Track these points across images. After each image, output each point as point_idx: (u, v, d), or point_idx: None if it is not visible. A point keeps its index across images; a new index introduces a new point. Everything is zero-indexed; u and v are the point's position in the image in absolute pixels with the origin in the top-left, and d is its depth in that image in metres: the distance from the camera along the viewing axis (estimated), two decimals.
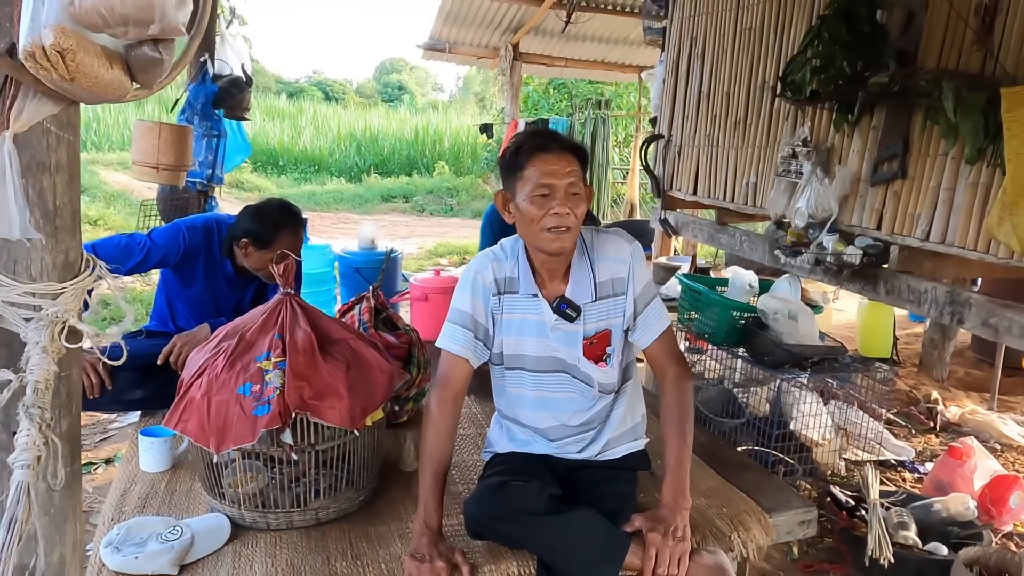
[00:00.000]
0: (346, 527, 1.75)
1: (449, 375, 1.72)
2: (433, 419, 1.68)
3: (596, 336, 1.73)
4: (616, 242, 1.75)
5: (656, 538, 1.54)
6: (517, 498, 1.59)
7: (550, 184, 1.59)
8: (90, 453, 3.19)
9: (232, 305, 2.49)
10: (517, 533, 1.60)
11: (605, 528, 1.56)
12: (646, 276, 1.76)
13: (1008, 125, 1.84)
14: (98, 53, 1.01)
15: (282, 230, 2.36)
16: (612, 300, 1.74)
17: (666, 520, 1.58)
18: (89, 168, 9.74)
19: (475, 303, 1.73)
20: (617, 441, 1.84)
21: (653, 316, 1.75)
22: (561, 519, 1.55)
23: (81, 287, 1.13)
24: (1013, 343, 2.09)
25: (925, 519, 2.64)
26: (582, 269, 1.72)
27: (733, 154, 3.31)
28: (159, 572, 1.53)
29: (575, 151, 1.66)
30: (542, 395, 1.77)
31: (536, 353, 1.74)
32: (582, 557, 1.52)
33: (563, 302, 1.70)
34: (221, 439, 1.62)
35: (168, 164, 2.74)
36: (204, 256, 2.43)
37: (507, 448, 1.85)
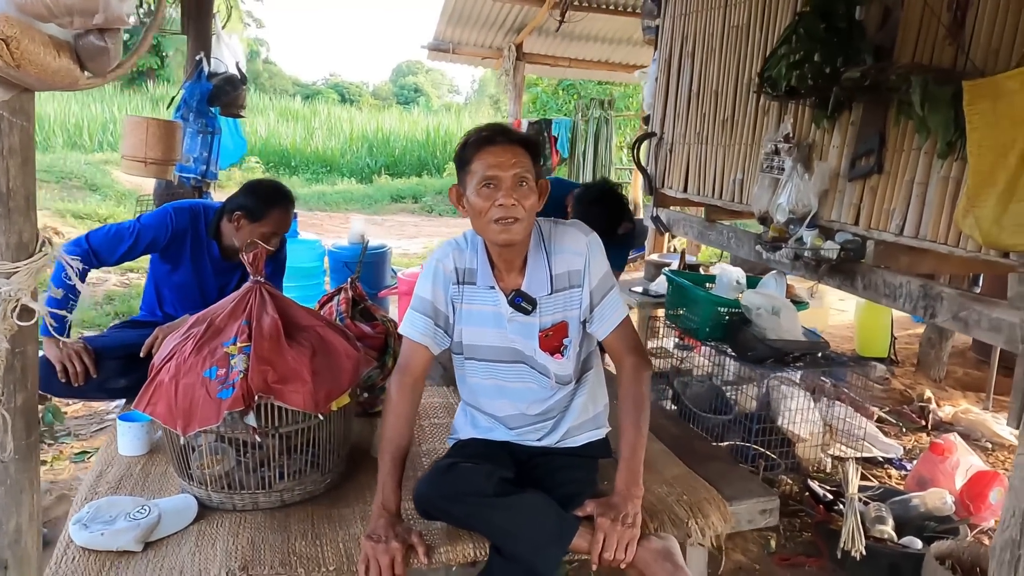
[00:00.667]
0: (310, 509, 1.79)
1: (409, 361, 1.76)
2: (392, 404, 1.72)
3: (552, 328, 1.75)
4: (573, 234, 1.77)
5: (605, 523, 1.57)
6: (466, 479, 1.63)
7: (495, 176, 1.62)
8: (85, 443, 3.26)
9: (217, 290, 2.54)
10: (465, 514, 1.64)
11: (555, 511, 1.59)
12: (603, 268, 1.77)
13: (970, 118, 1.85)
14: (44, 42, 1.06)
15: (274, 206, 2.43)
16: (568, 292, 1.75)
17: (617, 506, 1.61)
18: (102, 168, 9.89)
19: (435, 291, 1.76)
20: (577, 430, 1.86)
21: (610, 307, 1.76)
22: (510, 501, 1.59)
23: (34, 267, 1.19)
24: (982, 336, 2.09)
25: (904, 514, 2.65)
26: (538, 262, 1.74)
27: (721, 151, 3.33)
28: (124, 548, 1.58)
29: (523, 144, 1.67)
30: (501, 384, 1.81)
31: (495, 344, 1.77)
32: (530, 538, 1.55)
33: (518, 295, 1.72)
34: (187, 421, 1.67)
35: (156, 158, 2.82)
36: (191, 238, 2.49)
37: (470, 434, 1.89)
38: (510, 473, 1.69)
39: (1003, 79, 1.77)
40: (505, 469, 1.71)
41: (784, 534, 2.74)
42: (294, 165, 15.46)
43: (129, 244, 2.39)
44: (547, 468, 1.78)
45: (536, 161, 1.70)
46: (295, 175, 14.95)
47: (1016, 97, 1.73)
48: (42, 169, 9.40)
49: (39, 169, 8.69)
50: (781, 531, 2.75)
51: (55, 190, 8.94)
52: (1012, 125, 1.75)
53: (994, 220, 1.82)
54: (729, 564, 2.53)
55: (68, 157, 10.91)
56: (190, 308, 2.41)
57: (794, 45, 2.50)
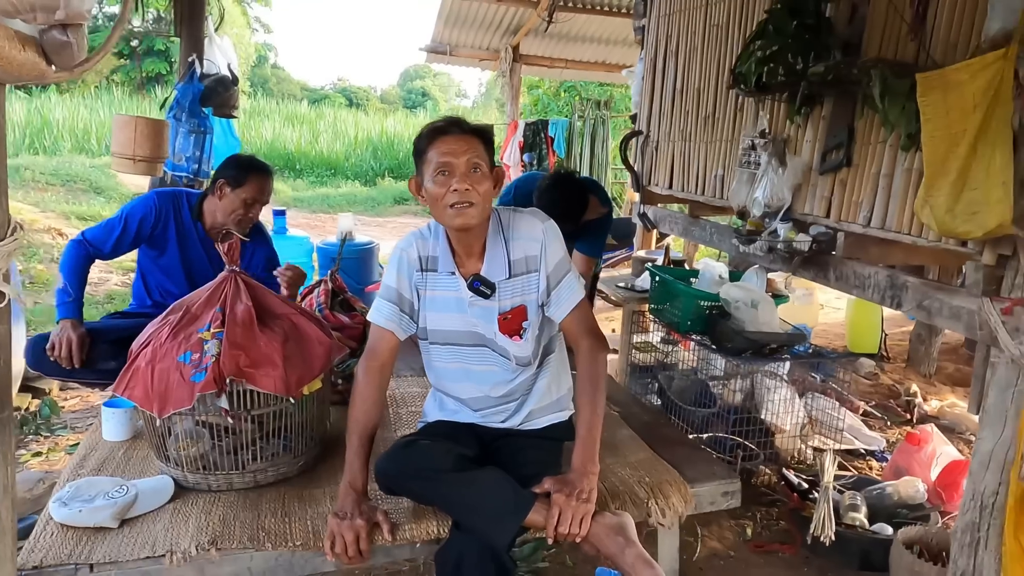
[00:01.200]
0: (282, 489, 1.86)
1: (375, 346, 1.83)
2: (359, 387, 1.79)
3: (511, 312, 1.81)
4: (530, 221, 1.83)
5: (560, 498, 1.62)
6: (424, 455, 1.70)
7: (448, 162, 1.68)
8: (80, 435, 3.34)
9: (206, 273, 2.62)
10: (424, 489, 1.70)
11: (511, 486, 1.65)
12: (559, 253, 1.82)
13: (923, 109, 1.90)
14: (9, 36, 1.13)
15: (252, 172, 2.60)
16: (526, 277, 1.81)
17: (572, 483, 1.66)
18: (107, 171, 10.01)
19: (400, 278, 1.83)
20: (540, 412, 1.92)
21: (566, 291, 1.81)
22: (466, 476, 1.65)
23: (6, 250, 1.25)
24: (943, 324, 2.14)
25: (878, 503, 2.69)
26: (497, 247, 1.80)
27: (703, 148, 3.39)
28: (101, 524, 1.65)
29: (476, 133, 1.74)
30: (465, 367, 1.87)
31: (457, 328, 1.84)
32: (485, 511, 1.61)
33: (477, 279, 1.79)
34: (163, 404, 1.74)
35: (144, 156, 2.90)
36: (174, 221, 2.62)
37: (437, 417, 1.95)
38: (471, 452, 1.76)
39: (952, 71, 1.82)
40: (467, 448, 1.77)
41: (760, 522, 2.79)
42: (298, 168, 15.59)
43: (120, 230, 2.54)
44: (510, 449, 1.84)
45: (489, 149, 1.76)
46: (299, 178, 15.07)
47: (965, 88, 1.78)
48: (49, 172, 9.55)
49: (46, 172, 8.78)
50: (758, 519, 2.80)
51: (61, 192, 9.07)
52: (962, 116, 1.79)
53: (947, 209, 1.86)
54: (704, 551, 2.58)
55: (74, 161, 11.05)
56: (176, 289, 2.53)
57: (764, 41, 2.55)
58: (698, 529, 2.66)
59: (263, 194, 2.61)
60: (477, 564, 1.61)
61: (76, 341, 2.35)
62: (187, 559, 1.57)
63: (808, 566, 2.51)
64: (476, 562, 1.61)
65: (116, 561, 1.56)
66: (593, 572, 2.27)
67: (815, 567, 2.50)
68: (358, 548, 1.62)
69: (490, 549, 1.61)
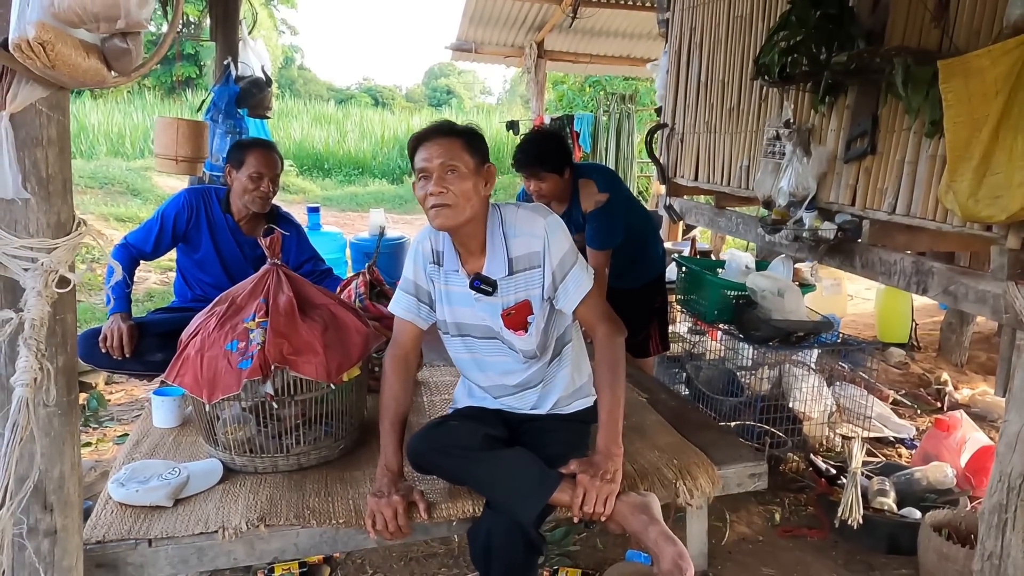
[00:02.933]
0: (324, 471, 1.95)
1: (397, 336, 1.93)
2: (386, 375, 1.89)
3: (515, 307, 1.84)
4: (531, 218, 1.83)
5: (585, 478, 1.69)
6: (452, 434, 1.79)
7: (424, 168, 1.74)
8: (127, 426, 3.48)
9: (238, 262, 2.76)
10: (452, 466, 1.79)
11: (537, 465, 1.73)
12: (564, 247, 1.83)
13: (945, 95, 1.93)
14: (76, 45, 1.22)
15: (250, 149, 2.69)
16: (528, 273, 1.83)
17: (597, 464, 1.73)
18: (143, 174, 10.27)
19: (416, 270, 1.91)
20: (567, 400, 1.98)
21: (573, 282, 1.83)
22: (493, 454, 1.74)
23: (71, 244, 1.35)
24: (969, 308, 2.16)
25: (906, 488, 2.71)
26: (496, 245, 1.83)
27: (728, 139, 3.42)
28: (156, 503, 1.76)
29: (457, 134, 1.78)
30: (479, 358, 1.94)
31: (469, 321, 1.90)
32: (511, 488, 1.69)
33: (478, 279, 1.83)
34: (212, 390, 1.84)
35: (186, 156, 3.02)
36: (206, 215, 2.74)
37: (466, 403, 2.04)
38: (500, 433, 1.83)
39: (973, 57, 1.84)
40: (495, 430, 1.85)
41: (788, 508, 2.82)
42: (327, 167, 15.76)
43: (157, 229, 2.67)
44: (536, 431, 1.91)
45: (475, 148, 1.78)
46: (328, 177, 15.25)
47: (986, 74, 1.80)
48: (87, 176, 9.79)
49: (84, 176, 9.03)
50: (786, 505, 2.84)
51: (99, 195, 9.31)
52: (983, 101, 1.82)
53: (970, 194, 1.89)
54: (733, 535, 2.62)
55: (111, 164, 11.33)
56: (213, 280, 2.67)
57: (787, 32, 2.59)
58: (726, 514, 2.70)
59: (266, 167, 2.67)
60: (505, 539, 1.68)
61: (126, 332, 2.47)
62: (238, 534, 1.67)
63: (836, 550, 2.54)
64: (504, 538, 1.68)
65: (172, 536, 1.66)
66: (623, 555, 2.33)
67: (843, 551, 2.53)
68: (397, 524, 1.71)
69: (519, 525, 1.68)
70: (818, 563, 2.47)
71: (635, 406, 2.42)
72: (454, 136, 1.77)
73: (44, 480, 1.39)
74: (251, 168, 2.65)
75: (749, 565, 2.43)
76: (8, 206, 1.29)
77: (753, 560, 2.46)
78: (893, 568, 2.45)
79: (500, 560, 1.70)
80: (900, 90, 2.15)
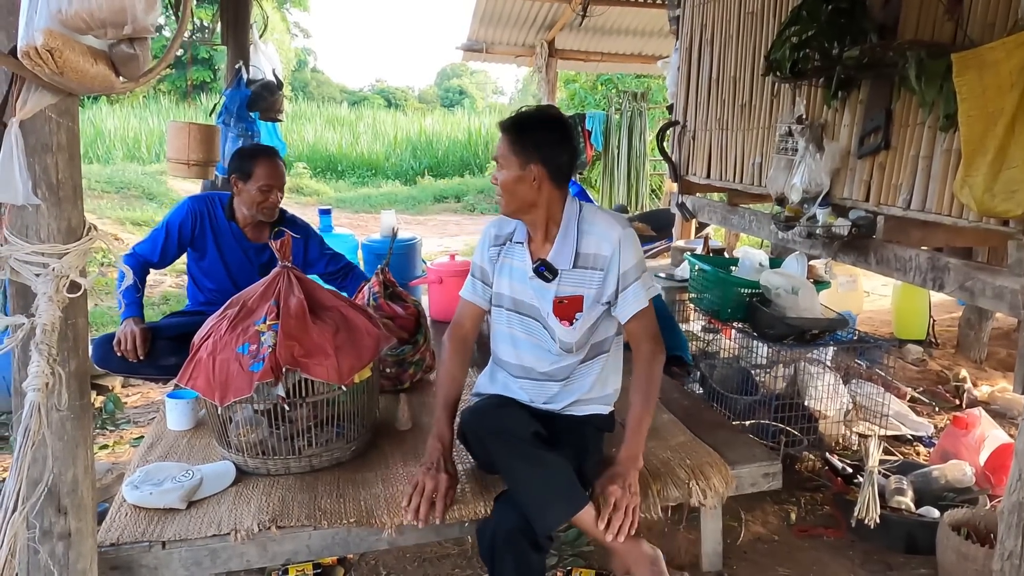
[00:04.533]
0: (336, 473, 1.96)
1: (459, 315, 2.05)
2: (444, 354, 2.02)
3: (568, 298, 1.92)
4: (608, 222, 1.93)
5: (617, 490, 1.74)
6: (509, 420, 1.83)
7: (494, 158, 1.91)
8: (143, 429, 3.51)
9: (244, 269, 2.77)
10: (498, 450, 1.79)
11: (572, 481, 1.73)
12: (632, 260, 1.91)
13: (959, 89, 1.90)
14: (83, 51, 1.23)
15: (257, 159, 2.67)
16: (590, 272, 1.91)
17: (623, 475, 1.78)
18: (158, 178, 10.36)
19: (482, 253, 2.05)
20: (585, 403, 2.00)
21: (633, 295, 1.91)
22: (537, 453, 1.75)
23: (82, 249, 1.36)
24: (986, 304, 2.13)
25: (924, 486, 2.68)
26: (568, 237, 1.92)
27: (740, 136, 3.40)
28: (169, 506, 1.77)
29: (506, 128, 1.89)
30: (515, 333, 2.00)
31: (517, 296, 1.98)
32: (540, 493, 1.69)
33: (543, 264, 1.92)
34: (224, 392, 1.85)
35: (198, 160, 3.05)
36: (210, 222, 2.75)
37: (488, 389, 2.07)
38: (543, 432, 1.85)
39: (987, 50, 1.82)
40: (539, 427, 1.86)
41: (804, 507, 2.79)
42: (340, 169, 15.84)
43: (163, 238, 2.70)
44: (552, 429, 1.91)
45: (518, 145, 1.86)
46: (341, 179, 15.32)
47: (1001, 66, 1.78)
48: (103, 180, 9.90)
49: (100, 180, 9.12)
50: (802, 504, 2.81)
51: (115, 199, 9.41)
52: (998, 94, 1.79)
53: (986, 188, 1.86)
54: (748, 535, 2.60)
55: (127, 168, 11.45)
56: (217, 287, 2.69)
57: (798, 27, 2.56)
58: (741, 514, 2.68)
59: (274, 178, 2.67)
60: (510, 538, 1.69)
61: (140, 336, 2.48)
62: (251, 536, 1.67)
63: (853, 549, 2.52)
64: (510, 537, 1.69)
65: (186, 539, 1.67)
66: None
67: (860, 550, 2.51)
68: (432, 501, 1.74)
69: (525, 526, 1.68)
70: (835, 563, 2.44)
71: None
72: (504, 133, 1.89)
73: (58, 484, 1.41)
74: (260, 181, 2.65)
75: (765, 565, 2.41)
76: (19, 212, 1.30)
77: (769, 560, 2.44)
78: (911, 568, 2.42)
79: (506, 558, 1.70)
80: (913, 84, 2.12)
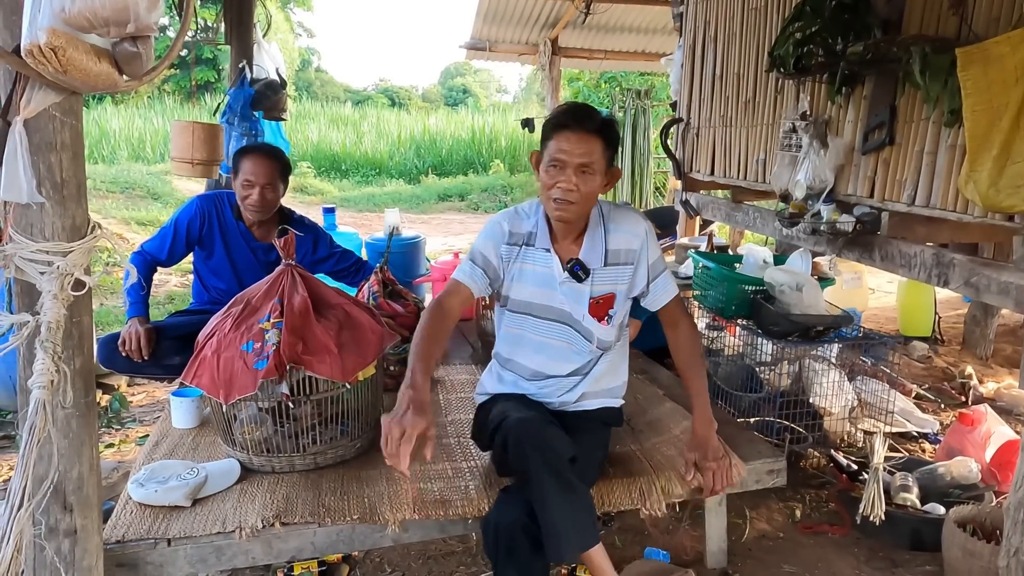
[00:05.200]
0: (340, 470, 1.96)
1: (445, 292, 1.94)
2: (422, 319, 1.85)
3: (602, 297, 1.92)
4: (633, 218, 1.97)
5: (712, 464, 1.89)
6: (557, 438, 1.76)
7: (562, 160, 1.78)
8: (149, 427, 3.52)
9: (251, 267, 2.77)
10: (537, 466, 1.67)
11: (592, 520, 1.71)
12: (657, 252, 1.98)
13: (964, 84, 1.89)
14: (87, 50, 1.23)
15: (244, 155, 2.70)
16: (621, 268, 1.93)
17: (705, 446, 1.92)
18: (163, 178, 10.39)
19: (487, 243, 1.94)
20: (594, 396, 2.00)
21: (663, 284, 1.98)
22: (570, 479, 1.69)
23: (86, 247, 1.37)
24: (992, 300, 2.12)
25: (930, 483, 2.67)
26: (596, 236, 1.91)
27: (744, 133, 3.39)
28: (174, 503, 1.77)
29: (598, 131, 1.79)
30: (543, 340, 1.97)
31: (542, 302, 1.94)
32: (564, 525, 1.64)
33: (576, 264, 1.89)
34: (228, 390, 1.85)
35: (202, 159, 3.06)
36: (218, 220, 2.77)
37: (496, 390, 2.04)
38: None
39: (992, 44, 1.81)
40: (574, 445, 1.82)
41: (809, 504, 2.79)
42: (344, 168, 15.85)
43: (171, 236, 2.71)
44: (563, 427, 1.89)
45: (609, 146, 1.82)
46: (345, 178, 15.34)
47: (1006, 61, 1.77)
48: (108, 180, 9.93)
49: (105, 180, 9.15)
50: (807, 501, 2.81)
51: (120, 199, 9.44)
52: (1003, 89, 1.79)
53: (991, 183, 1.85)
54: (753, 532, 2.60)
55: (132, 168, 11.48)
56: (226, 287, 2.70)
57: (801, 23, 2.55)
58: (746, 511, 2.68)
59: (255, 174, 2.63)
60: (512, 533, 1.68)
61: (144, 335, 2.49)
62: (255, 534, 1.68)
63: (858, 546, 2.51)
64: (512, 531, 1.68)
65: (191, 536, 1.67)
66: (641, 553, 2.32)
67: (865, 547, 2.50)
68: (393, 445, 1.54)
69: (529, 522, 1.67)
70: (840, 560, 2.43)
71: (652, 401, 2.41)
72: (598, 136, 1.80)
73: (63, 481, 1.41)
74: (243, 176, 2.65)
75: (769, 562, 2.40)
76: (24, 210, 1.31)
77: (773, 557, 2.44)
78: (917, 565, 2.41)
79: (508, 552, 1.69)
80: (918, 79, 2.11)
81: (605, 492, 1.92)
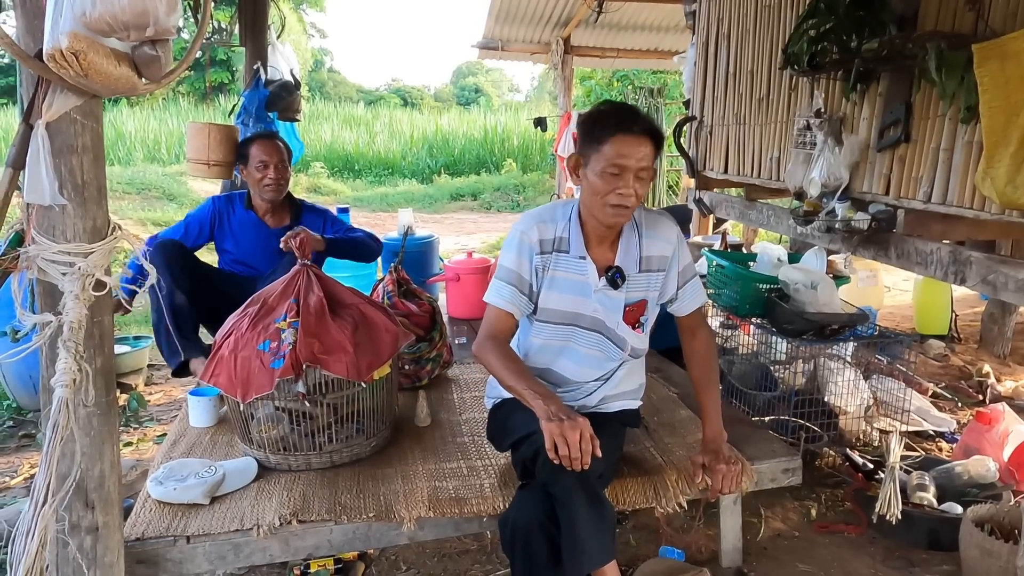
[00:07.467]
0: (356, 469, 1.98)
1: (495, 326, 1.84)
2: (494, 355, 1.77)
3: (635, 304, 1.91)
4: (667, 224, 1.94)
5: (723, 467, 1.87)
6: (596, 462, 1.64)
7: (623, 165, 1.70)
8: (166, 426, 3.55)
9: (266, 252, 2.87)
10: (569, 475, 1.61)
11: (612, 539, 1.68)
12: (688, 257, 1.98)
13: (980, 80, 1.88)
14: (107, 54, 1.25)
15: (251, 142, 2.91)
16: (654, 275, 1.92)
17: (716, 452, 1.90)
18: (178, 179, 10.47)
19: (520, 261, 1.84)
20: (613, 399, 2.00)
21: (692, 291, 1.98)
22: (600, 495, 1.68)
23: (107, 248, 1.39)
24: (1009, 298, 2.11)
25: (947, 482, 2.65)
26: (631, 242, 1.88)
27: (758, 131, 3.37)
28: (193, 501, 1.80)
29: (652, 134, 1.75)
30: (572, 347, 1.91)
31: (575, 309, 1.88)
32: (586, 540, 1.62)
33: (617, 272, 1.85)
34: (245, 389, 1.87)
35: (217, 160, 3.09)
36: (229, 214, 2.95)
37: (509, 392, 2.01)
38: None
39: (1009, 40, 1.79)
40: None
41: (824, 503, 2.78)
42: (357, 168, 15.91)
43: (183, 230, 2.90)
44: None
45: (658, 148, 1.77)
46: (358, 178, 15.40)
47: (1023, 56, 1.75)
48: (124, 182, 10.03)
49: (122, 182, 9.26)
50: (822, 500, 2.79)
51: (136, 201, 9.53)
52: (1021, 85, 1.77)
53: (1008, 180, 1.84)
54: (768, 531, 2.59)
55: (147, 170, 11.58)
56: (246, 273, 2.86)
57: (816, 19, 2.54)
58: (761, 510, 2.67)
59: (268, 154, 2.83)
60: (528, 531, 1.67)
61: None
62: (272, 531, 1.69)
63: (874, 546, 2.50)
64: (528, 529, 1.66)
65: (209, 533, 1.69)
66: (656, 551, 2.32)
67: (881, 547, 2.49)
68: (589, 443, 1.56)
69: (547, 520, 1.66)
70: (856, 559, 2.42)
71: (666, 401, 2.41)
72: (654, 141, 1.75)
73: (85, 478, 1.43)
74: (256, 159, 2.82)
75: (785, 561, 2.40)
76: (46, 212, 1.33)
77: (789, 556, 2.43)
78: (934, 564, 2.39)
79: (525, 551, 1.69)
80: (934, 76, 2.10)
81: (620, 491, 1.92)
